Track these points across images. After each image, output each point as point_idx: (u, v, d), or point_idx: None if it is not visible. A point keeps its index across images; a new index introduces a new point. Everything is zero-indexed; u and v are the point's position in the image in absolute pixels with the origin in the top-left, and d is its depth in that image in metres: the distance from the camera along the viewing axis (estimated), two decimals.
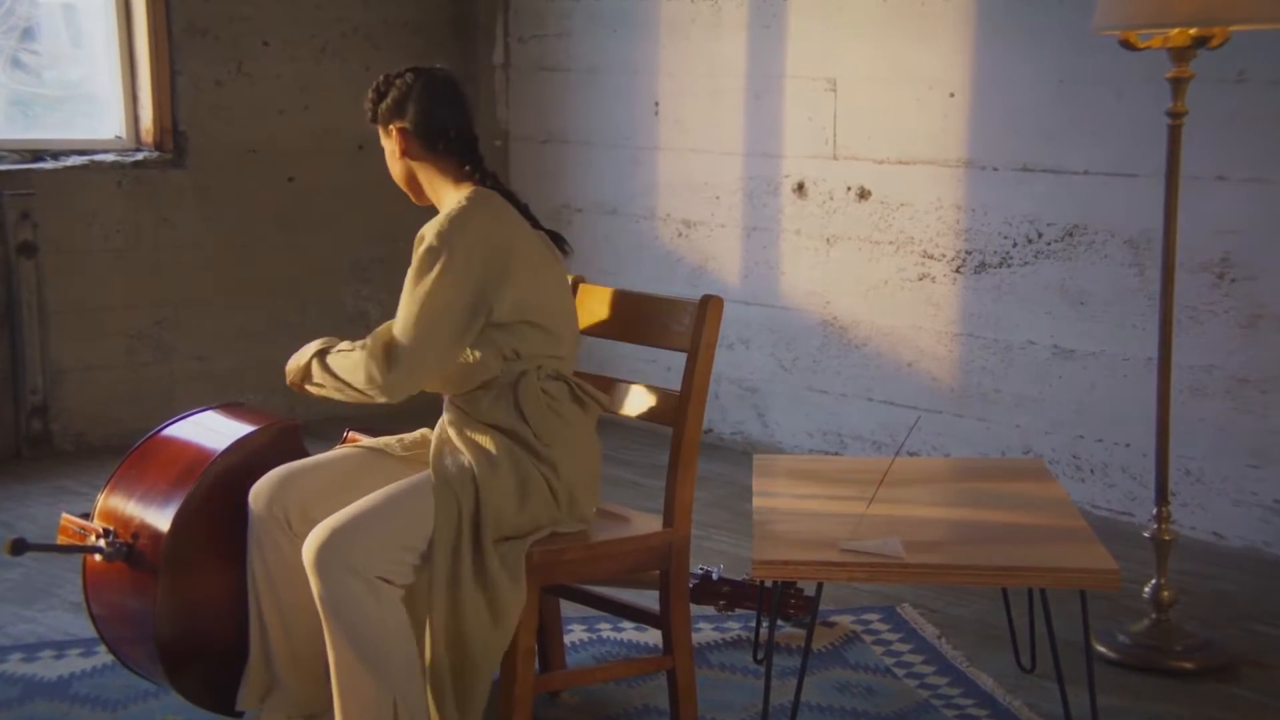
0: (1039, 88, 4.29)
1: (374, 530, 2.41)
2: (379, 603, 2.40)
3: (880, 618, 3.48)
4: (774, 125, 4.94)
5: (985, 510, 2.79)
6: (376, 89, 2.68)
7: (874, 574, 2.47)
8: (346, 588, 2.39)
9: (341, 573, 2.38)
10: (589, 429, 2.66)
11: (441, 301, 2.49)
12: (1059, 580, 2.46)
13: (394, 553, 2.42)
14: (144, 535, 2.61)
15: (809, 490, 2.90)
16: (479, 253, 2.51)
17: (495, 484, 2.49)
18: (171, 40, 5.07)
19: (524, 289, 2.55)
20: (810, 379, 4.95)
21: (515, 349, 2.57)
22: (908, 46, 4.57)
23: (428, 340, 2.49)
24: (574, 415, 2.62)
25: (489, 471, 2.50)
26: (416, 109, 2.63)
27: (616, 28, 5.35)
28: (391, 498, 2.47)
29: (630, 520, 2.76)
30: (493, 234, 2.54)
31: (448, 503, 2.45)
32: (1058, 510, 2.77)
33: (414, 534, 2.44)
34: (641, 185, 5.36)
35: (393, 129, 2.65)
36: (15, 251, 4.81)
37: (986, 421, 4.51)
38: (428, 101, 2.64)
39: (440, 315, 2.49)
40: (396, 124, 2.64)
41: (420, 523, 2.45)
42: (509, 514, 2.50)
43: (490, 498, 2.47)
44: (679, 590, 2.69)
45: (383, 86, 2.67)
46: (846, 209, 4.79)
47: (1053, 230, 4.31)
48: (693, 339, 2.67)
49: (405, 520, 2.44)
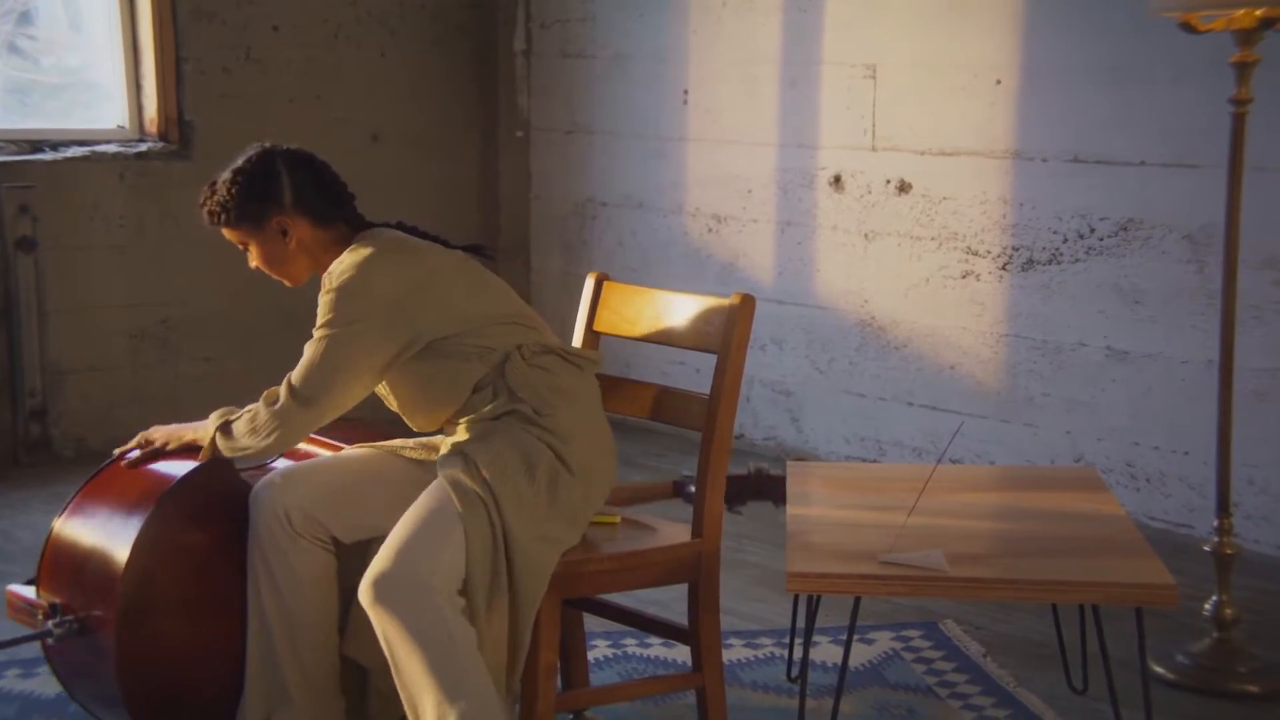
0: (1092, 74, 4.26)
1: (432, 546, 2.41)
2: (458, 619, 2.40)
3: (921, 634, 3.47)
4: (810, 114, 4.93)
5: (1033, 521, 2.78)
6: (231, 192, 2.63)
7: (915, 588, 2.46)
8: (427, 608, 2.37)
9: (417, 595, 2.38)
10: (592, 393, 2.69)
11: (345, 352, 2.55)
12: (1113, 596, 2.45)
13: (457, 568, 2.42)
14: (94, 597, 2.56)
15: (846, 499, 2.89)
16: (388, 294, 2.56)
17: (492, 454, 2.50)
18: (177, 25, 5.10)
19: (461, 297, 2.62)
20: (847, 382, 4.94)
21: (485, 345, 2.60)
22: (952, 31, 4.55)
23: (326, 386, 2.56)
24: (572, 381, 2.64)
25: (484, 448, 2.51)
26: (299, 189, 2.65)
27: (644, 11, 5.35)
28: (426, 518, 2.46)
29: (657, 530, 2.76)
30: (400, 269, 2.59)
31: (478, 522, 2.45)
32: (1111, 522, 2.75)
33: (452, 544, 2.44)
34: (669, 178, 5.36)
35: (273, 224, 2.63)
36: (13, 247, 4.84)
37: (1035, 428, 4.49)
38: (301, 182, 2.65)
39: (341, 363, 2.56)
40: (277, 218, 2.63)
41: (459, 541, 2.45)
42: (525, 493, 2.49)
43: (504, 489, 2.48)
44: (709, 604, 2.69)
45: (239, 187, 2.63)
46: (886, 203, 4.78)
47: (1106, 225, 4.29)
48: (723, 340, 2.67)
49: (453, 538, 2.44)
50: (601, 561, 2.59)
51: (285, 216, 2.64)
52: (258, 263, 2.70)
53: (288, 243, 2.66)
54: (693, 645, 2.71)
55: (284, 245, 2.66)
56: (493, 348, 2.60)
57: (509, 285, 2.77)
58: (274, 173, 2.65)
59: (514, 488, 2.49)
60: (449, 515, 2.45)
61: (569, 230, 5.72)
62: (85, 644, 2.59)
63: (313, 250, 2.67)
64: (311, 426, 2.60)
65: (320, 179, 2.69)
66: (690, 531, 2.70)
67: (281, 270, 2.70)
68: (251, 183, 2.64)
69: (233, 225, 2.66)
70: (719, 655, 2.71)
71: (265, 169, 2.65)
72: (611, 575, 2.62)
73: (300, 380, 2.56)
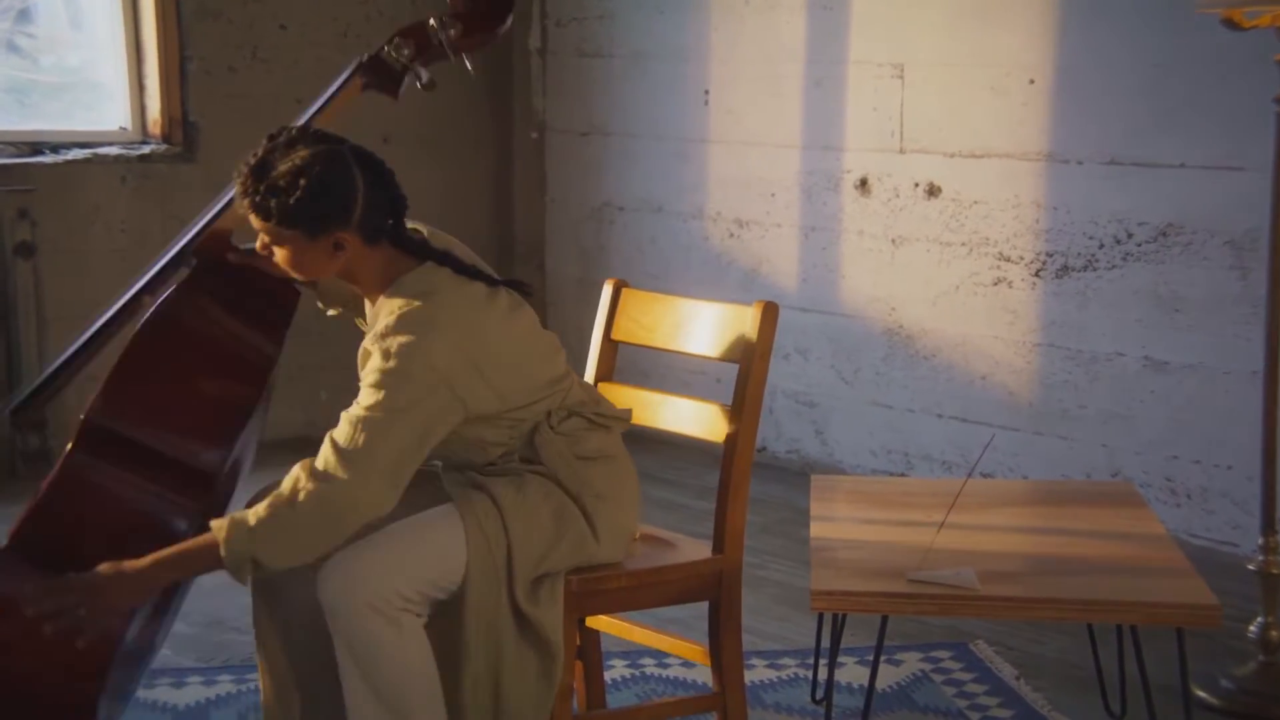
0: (1130, 72, 4.25)
1: (399, 562, 2.40)
2: (401, 638, 2.39)
3: (952, 655, 3.45)
4: (835, 115, 4.93)
5: (1068, 538, 2.77)
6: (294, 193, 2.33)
7: (945, 607, 2.46)
8: (366, 626, 2.36)
9: (361, 609, 2.36)
10: (619, 450, 2.64)
11: (396, 435, 2.34)
12: (1153, 616, 2.43)
13: (418, 585, 2.40)
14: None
15: (872, 514, 2.89)
16: (447, 375, 2.37)
17: (524, 515, 2.48)
18: (181, 23, 5.12)
19: (511, 375, 2.47)
20: (874, 393, 4.93)
21: (519, 418, 2.52)
22: (983, 28, 4.55)
23: (370, 466, 2.33)
24: (598, 445, 2.59)
25: (517, 501, 2.48)
26: (369, 206, 2.38)
27: (663, 9, 5.36)
28: (415, 527, 2.45)
29: (677, 546, 2.75)
30: (464, 343, 2.40)
31: (479, 543, 2.44)
32: (1150, 539, 2.74)
33: (442, 570, 2.43)
34: (690, 181, 5.36)
35: (329, 238, 2.37)
36: (12, 252, 4.86)
37: (1069, 440, 4.47)
38: (374, 196, 2.40)
39: (389, 447, 2.34)
40: (339, 233, 2.37)
41: (448, 559, 2.43)
42: (543, 548, 2.49)
43: (520, 531, 2.46)
44: (730, 623, 2.68)
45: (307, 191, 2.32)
46: (914, 207, 4.77)
47: (1144, 230, 4.28)
48: (745, 349, 2.66)
49: (434, 554, 2.43)
50: (619, 579, 2.59)
51: (347, 233, 2.38)
52: (280, 261, 2.44)
53: (335, 257, 2.41)
54: (713, 666, 2.70)
55: (329, 258, 2.41)
56: (525, 419, 2.53)
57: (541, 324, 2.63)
58: (349, 182, 2.37)
59: (529, 527, 2.47)
60: (428, 536, 2.42)
61: (586, 235, 5.72)
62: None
63: (354, 267, 2.44)
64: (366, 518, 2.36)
65: (390, 194, 2.43)
66: (711, 547, 2.70)
67: (305, 274, 2.48)
68: (324, 190, 2.35)
69: (280, 225, 2.37)
70: (740, 676, 2.70)
71: (341, 176, 2.37)
72: (629, 593, 2.61)
73: (352, 469, 2.30)
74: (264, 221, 2.39)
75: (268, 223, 2.39)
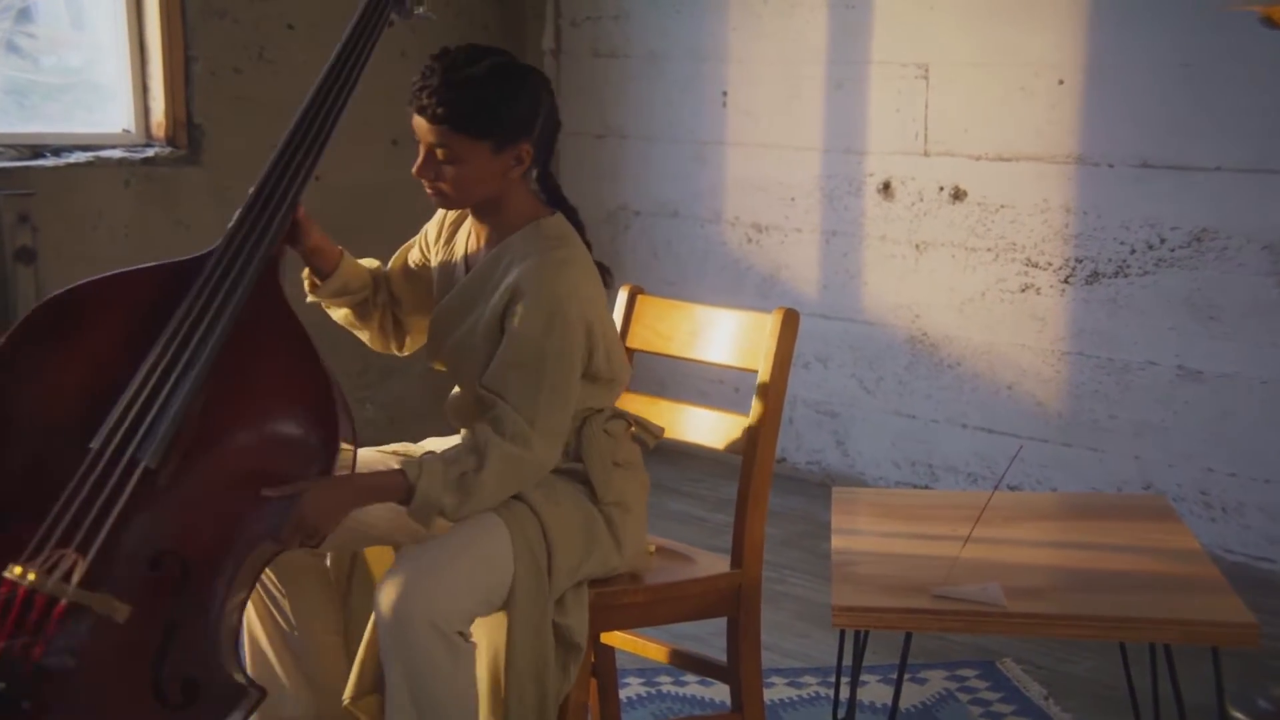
0: (1163, 72, 4.24)
1: (460, 582, 2.40)
2: (455, 662, 2.39)
3: (978, 674, 3.44)
4: (857, 117, 4.92)
5: (1099, 553, 2.75)
6: (486, 92, 2.39)
7: (971, 624, 2.44)
8: (427, 645, 2.36)
9: (424, 629, 2.36)
10: (641, 466, 2.68)
11: (570, 391, 2.47)
12: (1188, 635, 2.42)
13: (475, 605, 2.42)
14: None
15: (895, 528, 2.88)
16: (585, 315, 2.47)
17: (560, 526, 2.50)
18: (186, 23, 5.14)
19: (609, 343, 2.56)
20: (897, 402, 4.92)
21: (585, 396, 2.56)
22: (1010, 27, 4.54)
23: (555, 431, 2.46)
24: (631, 455, 2.64)
25: (555, 512, 2.50)
26: (546, 123, 2.48)
27: (680, 8, 5.36)
28: (465, 541, 2.45)
29: (694, 560, 2.75)
30: (592, 292, 2.51)
31: (525, 552, 2.45)
32: (1184, 554, 2.72)
33: (491, 582, 2.44)
34: (707, 185, 5.36)
35: (511, 151, 2.44)
36: (12, 258, 4.87)
37: (1100, 452, 4.46)
38: (551, 114, 2.49)
39: (568, 405, 2.48)
40: (524, 145, 2.45)
41: (496, 570, 2.44)
42: (576, 560, 2.50)
43: (559, 541, 2.48)
44: (749, 639, 2.68)
45: (501, 91, 2.39)
46: (939, 211, 4.76)
47: (1177, 235, 4.26)
48: (764, 357, 2.67)
49: (484, 567, 2.43)
50: (635, 594, 2.59)
51: (528, 146, 2.45)
52: (439, 177, 2.46)
53: (507, 175, 2.46)
54: (732, 683, 2.70)
55: (499, 176, 2.46)
56: (589, 404, 2.57)
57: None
58: (538, 90, 2.45)
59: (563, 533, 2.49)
60: (477, 547, 2.43)
61: (600, 240, 5.72)
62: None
63: (507, 194, 2.50)
64: (554, 445, 2.48)
65: (557, 116, 2.51)
66: (729, 562, 2.69)
67: (460, 194, 2.48)
68: (520, 93, 2.41)
69: (461, 130, 2.39)
70: (760, 694, 2.70)
71: (532, 83, 2.44)
72: (646, 608, 2.62)
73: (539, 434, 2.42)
74: (453, 129, 2.40)
75: (457, 130, 2.39)
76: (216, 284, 2.48)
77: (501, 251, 2.54)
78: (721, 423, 2.77)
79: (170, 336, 2.44)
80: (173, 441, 2.37)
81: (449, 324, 2.59)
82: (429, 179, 2.48)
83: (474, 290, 2.55)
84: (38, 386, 2.46)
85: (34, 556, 2.33)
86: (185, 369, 2.41)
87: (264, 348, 2.47)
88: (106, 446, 2.37)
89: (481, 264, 2.57)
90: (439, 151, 2.44)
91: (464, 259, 2.64)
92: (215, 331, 2.42)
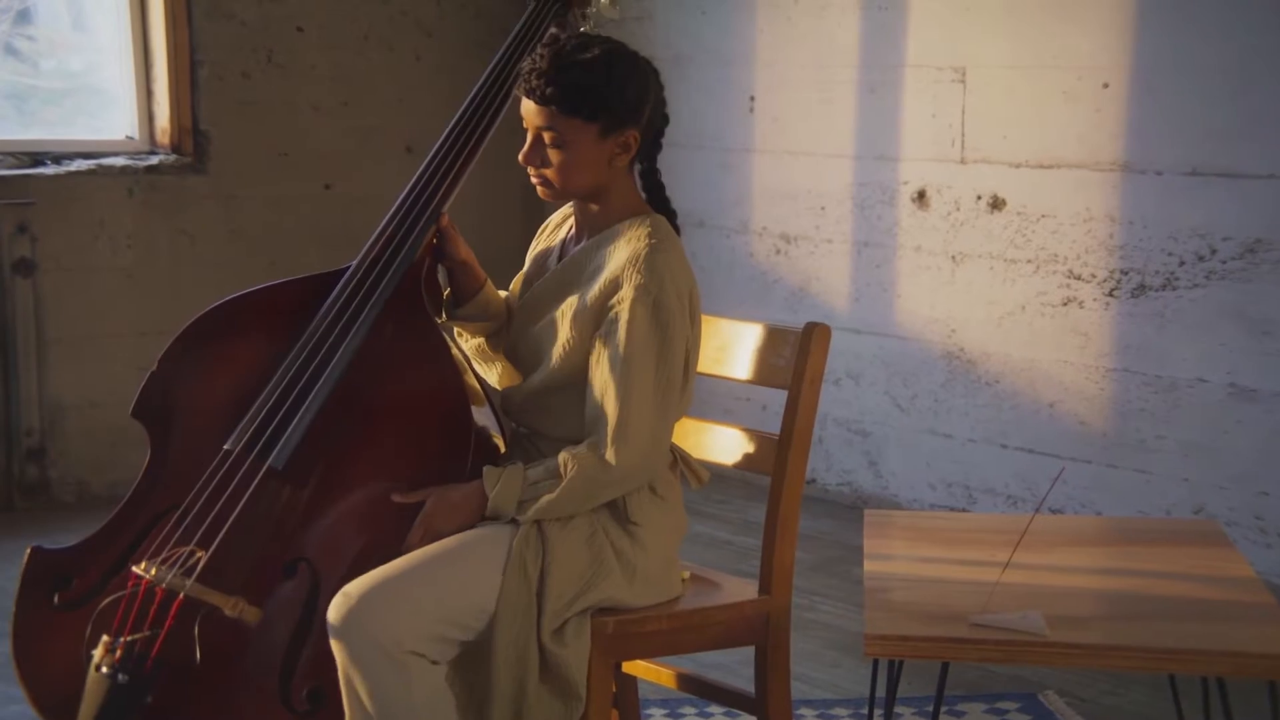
0: (1212, 75, 4.23)
1: (414, 597, 2.39)
2: (405, 683, 2.38)
3: (1019, 707, 3.43)
4: (891, 123, 4.92)
5: (1146, 580, 2.74)
6: (601, 74, 2.45)
7: (1010, 654, 2.43)
8: (367, 664, 2.36)
9: (364, 647, 2.36)
10: (678, 505, 2.66)
11: (671, 367, 2.49)
12: (1241, 668, 2.40)
13: (435, 627, 2.40)
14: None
15: (931, 553, 2.86)
16: (691, 309, 2.53)
17: (564, 550, 2.48)
18: (192, 25, 5.16)
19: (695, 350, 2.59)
20: (932, 421, 4.90)
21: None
22: (1053, 27, 4.53)
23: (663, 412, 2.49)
24: (669, 488, 2.63)
25: (561, 535, 2.49)
26: (655, 111, 2.55)
27: (706, 9, 5.37)
28: (451, 556, 2.45)
29: (721, 586, 2.74)
30: (694, 288, 2.55)
31: (517, 570, 2.44)
32: (1237, 582, 2.70)
33: (465, 604, 2.42)
34: (734, 193, 5.36)
35: (618, 137, 2.51)
36: (10, 269, 4.90)
37: (1147, 474, 4.44)
38: (659, 106, 2.56)
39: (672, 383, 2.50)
40: (632, 131, 2.52)
41: (477, 589, 2.43)
42: (575, 590, 2.49)
43: (558, 566, 2.46)
44: (778, 669, 2.67)
45: (616, 74, 2.47)
46: (976, 221, 4.75)
47: (1229, 246, 4.24)
48: (794, 374, 2.66)
49: (460, 586, 2.42)
50: (659, 621, 2.57)
51: (635, 132, 2.52)
52: (544, 163, 2.50)
53: (613, 163, 2.52)
54: (759, 715, 2.69)
55: (605, 164, 2.51)
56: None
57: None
58: (648, 77, 2.52)
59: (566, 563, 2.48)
60: (457, 565, 2.43)
61: None
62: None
63: (611, 185, 2.55)
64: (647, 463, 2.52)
65: (664, 107, 2.59)
66: (757, 588, 2.69)
67: (565, 181, 2.52)
68: (632, 78, 2.50)
69: (570, 112, 2.45)
70: None
71: (643, 70, 2.52)
72: (670, 636, 2.60)
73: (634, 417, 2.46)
74: (561, 110, 2.45)
75: (566, 112, 2.45)
76: (353, 293, 2.61)
77: (601, 240, 2.57)
78: (749, 442, 2.76)
79: (304, 343, 2.59)
80: (304, 446, 2.52)
81: (536, 310, 2.61)
82: (535, 165, 2.54)
83: (567, 277, 2.58)
84: (194, 393, 2.66)
85: (159, 552, 2.50)
86: (316, 375, 2.55)
87: (402, 357, 2.59)
88: (236, 447, 2.54)
89: (578, 252, 2.60)
90: (546, 135, 2.49)
91: (560, 246, 2.68)
92: (348, 339, 2.56)
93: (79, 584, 2.59)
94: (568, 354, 2.54)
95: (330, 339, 2.58)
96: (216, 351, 2.68)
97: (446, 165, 2.71)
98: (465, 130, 2.75)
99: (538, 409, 2.61)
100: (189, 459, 2.60)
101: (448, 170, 2.71)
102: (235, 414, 2.58)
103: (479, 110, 2.77)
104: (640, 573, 2.55)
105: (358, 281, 2.63)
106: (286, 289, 2.70)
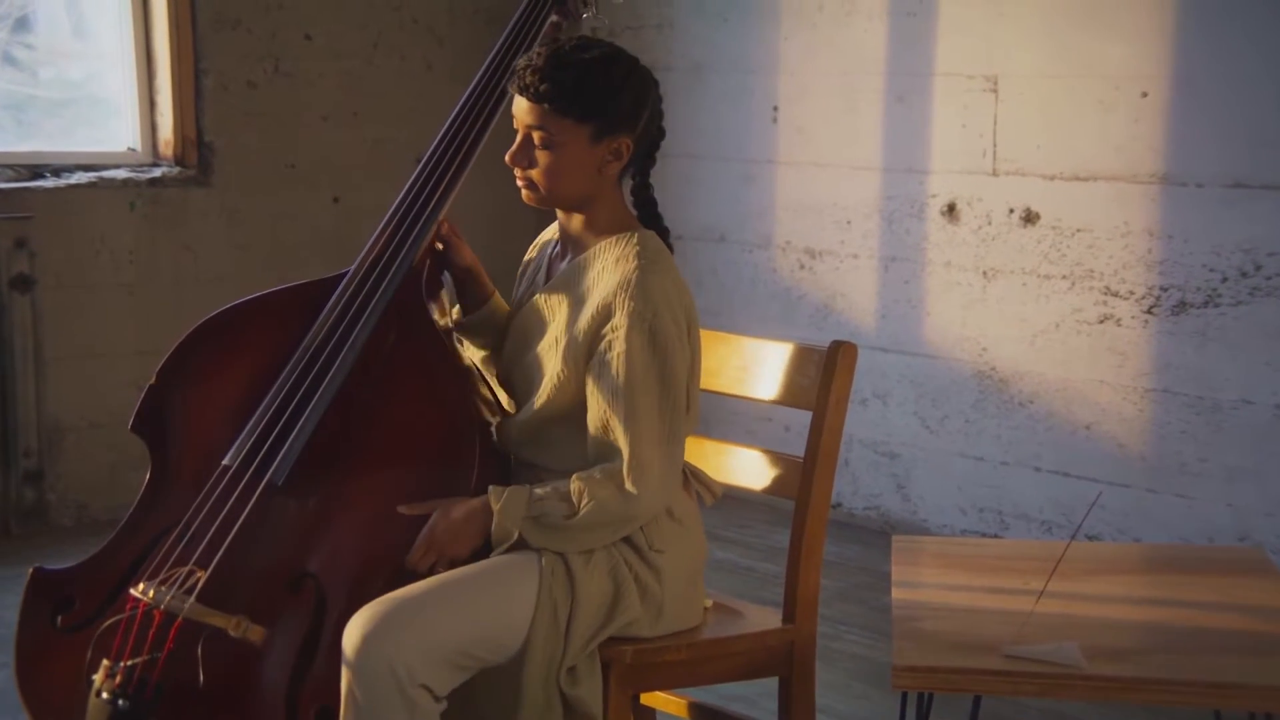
0: (1256, 84, 4.22)
1: (436, 623, 2.39)
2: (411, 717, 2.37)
3: None
4: (919, 134, 4.92)
5: (1188, 610, 2.73)
6: (595, 76, 2.45)
7: (1046, 687, 2.42)
8: (379, 690, 2.35)
9: (380, 671, 2.35)
10: (698, 529, 2.66)
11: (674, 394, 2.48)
12: None
13: (451, 656, 2.40)
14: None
15: (962, 580, 2.86)
16: (688, 328, 2.52)
17: (589, 585, 2.48)
18: (196, 33, 5.19)
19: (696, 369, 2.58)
20: (963, 443, 4.89)
21: None
22: (1089, 35, 4.53)
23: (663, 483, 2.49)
24: (687, 512, 2.62)
25: (585, 569, 2.49)
26: (650, 123, 2.53)
27: (728, 16, 5.38)
28: (481, 584, 2.44)
29: (743, 614, 2.74)
30: (690, 305, 2.54)
31: (548, 604, 2.44)
32: None
33: (486, 635, 2.42)
34: (756, 207, 5.36)
35: (609, 142, 2.48)
36: (8, 286, 4.92)
37: (1188, 499, 4.42)
38: (656, 116, 2.55)
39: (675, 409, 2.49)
40: (625, 138, 2.50)
41: (500, 624, 2.43)
42: (597, 625, 2.49)
43: (584, 601, 2.47)
44: (802, 701, 2.66)
45: (613, 77, 2.46)
46: (1008, 235, 4.75)
47: (1274, 261, 4.23)
48: (819, 394, 2.66)
49: (483, 617, 2.42)
50: (678, 651, 2.57)
51: (628, 140, 2.50)
52: (531, 164, 2.50)
53: (603, 171, 2.51)
54: None
55: (594, 170, 2.50)
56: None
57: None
58: (647, 84, 2.51)
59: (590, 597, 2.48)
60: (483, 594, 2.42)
61: None
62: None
63: (599, 196, 2.53)
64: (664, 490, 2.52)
65: (661, 120, 2.57)
66: (781, 616, 2.68)
67: (551, 185, 2.51)
68: (628, 82, 2.49)
69: (562, 112, 2.44)
70: None
71: (643, 75, 2.51)
72: (690, 666, 2.60)
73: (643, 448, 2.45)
74: (554, 109, 2.45)
75: (558, 111, 2.44)
76: (350, 299, 2.62)
77: (587, 260, 2.55)
78: (772, 464, 2.76)
79: (303, 352, 2.59)
80: (305, 460, 2.51)
81: (525, 337, 2.60)
82: (521, 166, 2.53)
83: (554, 301, 2.56)
84: (193, 406, 2.66)
85: (157, 573, 2.49)
86: (315, 386, 2.55)
87: (403, 366, 2.59)
88: (235, 462, 2.54)
89: (565, 271, 2.58)
90: (536, 135, 2.49)
91: (546, 265, 2.66)
92: (347, 347, 2.56)
93: (82, 606, 2.60)
94: (560, 387, 2.52)
95: (329, 347, 2.57)
96: (215, 362, 2.67)
97: (444, 165, 2.69)
98: (463, 129, 2.73)
99: (535, 442, 2.59)
100: (190, 474, 2.60)
101: (445, 170, 2.69)
102: (236, 426, 2.58)
103: (476, 107, 2.74)
104: (660, 603, 2.55)
105: (356, 287, 2.62)
106: (285, 295, 2.70)
